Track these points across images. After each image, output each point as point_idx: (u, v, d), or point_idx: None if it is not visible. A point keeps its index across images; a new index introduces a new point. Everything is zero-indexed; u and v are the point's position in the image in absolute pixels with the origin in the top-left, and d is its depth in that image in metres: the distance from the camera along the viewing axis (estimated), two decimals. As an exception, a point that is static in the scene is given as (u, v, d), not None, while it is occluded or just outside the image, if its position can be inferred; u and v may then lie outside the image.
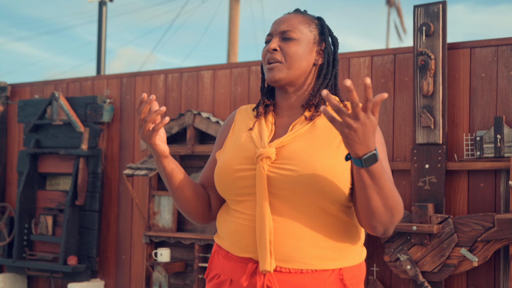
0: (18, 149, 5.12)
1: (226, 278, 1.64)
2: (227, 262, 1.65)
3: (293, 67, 1.69)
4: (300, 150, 1.59)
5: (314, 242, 1.58)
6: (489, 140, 3.21)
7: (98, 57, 9.12)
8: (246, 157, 1.64)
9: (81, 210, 4.58)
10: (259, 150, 1.61)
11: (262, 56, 1.74)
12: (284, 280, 1.57)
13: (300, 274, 1.57)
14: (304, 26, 1.72)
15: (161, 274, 4.11)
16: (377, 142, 1.65)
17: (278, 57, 1.68)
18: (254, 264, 1.59)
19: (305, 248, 1.57)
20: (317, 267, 1.57)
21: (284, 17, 1.74)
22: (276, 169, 1.59)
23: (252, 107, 1.82)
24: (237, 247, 1.63)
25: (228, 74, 4.16)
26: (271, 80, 1.69)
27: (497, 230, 3.07)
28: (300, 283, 1.57)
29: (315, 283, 1.57)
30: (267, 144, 1.63)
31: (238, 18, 12.93)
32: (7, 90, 5.14)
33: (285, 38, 1.69)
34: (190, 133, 4.07)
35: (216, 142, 1.83)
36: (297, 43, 1.69)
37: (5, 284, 4.80)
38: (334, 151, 1.60)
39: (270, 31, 1.74)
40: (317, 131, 1.64)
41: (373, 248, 3.51)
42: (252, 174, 1.61)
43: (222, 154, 1.72)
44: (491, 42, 3.28)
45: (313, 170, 1.55)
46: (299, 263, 1.57)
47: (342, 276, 1.60)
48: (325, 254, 1.58)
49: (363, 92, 1.37)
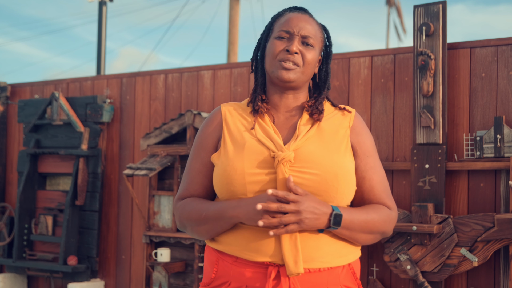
0: (18, 149, 5.12)
1: (240, 284, 1.61)
2: (237, 268, 1.62)
3: (306, 73, 1.71)
4: (316, 153, 1.62)
5: (329, 240, 1.63)
6: (489, 140, 3.21)
7: (98, 57, 9.13)
8: (259, 161, 1.61)
9: (81, 210, 4.58)
10: (280, 154, 1.60)
11: (274, 51, 1.69)
12: (305, 280, 1.59)
13: (318, 272, 1.60)
14: (319, 34, 1.74)
15: (161, 274, 4.11)
16: (366, 137, 1.74)
17: (298, 61, 1.68)
18: (275, 268, 1.58)
19: (323, 247, 1.61)
20: (332, 264, 1.62)
21: (302, 17, 1.72)
22: (297, 172, 1.60)
23: (237, 104, 1.78)
24: (252, 252, 1.60)
25: (228, 74, 4.16)
26: (286, 79, 1.68)
27: (497, 230, 3.07)
28: (319, 282, 1.60)
29: (332, 279, 1.62)
30: (283, 147, 1.62)
31: (238, 18, 12.94)
32: (7, 90, 5.14)
33: (306, 43, 1.70)
34: (190, 133, 4.07)
35: (202, 144, 1.74)
36: (314, 51, 1.72)
37: (5, 284, 4.80)
38: (344, 154, 1.66)
39: (287, 28, 1.70)
40: (325, 135, 1.67)
41: (373, 248, 3.51)
42: (269, 178, 1.60)
43: (225, 157, 1.66)
44: (491, 42, 3.28)
45: (334, 173, 1.60)
46: (318, 262, 1.60)
47: (353, 270, 1.68)
48: (338, 250, 1.64)
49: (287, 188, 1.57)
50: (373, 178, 1.70)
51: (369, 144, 1.73)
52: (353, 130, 1.71)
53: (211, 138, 1.73)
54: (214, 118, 1.75)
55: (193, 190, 1.74)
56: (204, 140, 1.74)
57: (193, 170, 1.74)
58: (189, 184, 1.75)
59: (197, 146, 1.75)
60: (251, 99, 1.74)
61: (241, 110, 1.75)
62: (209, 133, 1.74)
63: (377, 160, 1.73)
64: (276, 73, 1.68)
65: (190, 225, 1.70)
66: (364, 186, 1.69)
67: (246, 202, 1.58)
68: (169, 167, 4.23)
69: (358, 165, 1.69)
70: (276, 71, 1.68)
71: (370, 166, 1.70)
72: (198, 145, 1.75)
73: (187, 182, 1.75)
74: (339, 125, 1.70)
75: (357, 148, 1.70)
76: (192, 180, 1.74)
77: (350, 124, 1.71)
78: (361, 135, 1.72)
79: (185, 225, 1.72)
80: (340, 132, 1.69)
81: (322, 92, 1.76)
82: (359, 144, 1.70)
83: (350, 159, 1.67)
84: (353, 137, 1.70)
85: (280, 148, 1.62)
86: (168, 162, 4.12)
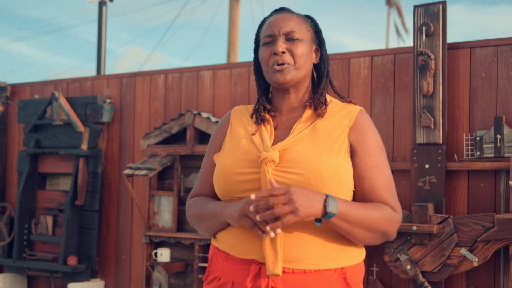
0: (18, 149, 5.12)
1: (228, 280, 1.64)
2: (228, 264, 1.65)
3: (301, 68, 1.70)
4: (304, 153, 1.60)
5: (317, 242, 1.59)
6: (489, 140, 3.21)
7: (98, 57, 9.12)
8: (248, 160, 1.63)
9: (81, 210, 4.58)
10: (263, 154, 1.60)
11: (264, 58, 1.71)
12: (288, 280, 1.57)
13: (303, 274, 1.58)
14: (303, 25, 1.73)
15: (161, 274, 4.11)
16: (368, 136, 1.69)
17: (288, 59, 1.68)
18: (257, 265, 1.59)
19: (309, 249, 1.58)
20: (320, 266, 1.58)
21: (281, 17, 1.73)
22: (281, 172, 1.59)
23: (247, 107, 1.81)
24: (239, 249, 1.63)
25: (228, 74, 4.16)
26: (283, 81, 1.68)
27: (497, 230, 3.07)
28: (304, 283, 1.58)
29: (318, 282, 1.58)
30: (270, 147, 1.63)
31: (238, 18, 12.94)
32: (7, 90, 5.14)
33: (290, 39, 1.69)
34: (190, 133, 4.07)
35: (211, 145, 1.81)
36: (302, 43, 1.70)
37: (5, 284, 4.80)
38: (336, 154, 1.62)
39: (269, 32, 1.71)
40: (318, 134, 1.65)
41: (373, 248, 3.51)
42: (256, 177, 1.61)
43: (221, 157, 1.71)
44: (491, 42, 3.28)
45: (319, 173, 1.57)
46: (303, 263, 1.58)
47: (345, 275, 1.62)
48: (328, 253, 1.60)
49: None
50: (374, 178, 1.64)
51: (372, 143, 1.68)
52: (353, 129, 1.67)
53: (218, 139, 1.79)
54: (223, 121, 1.81)
55: (201, 189, 1.81)
56: (213, 141, 1.81)
57: (203, 170, 1.81)
58: (199, 183, 1.82)
59: (208, 147, 1.83)
60: (254, 110, 1.77)
61: (249, 115, 1.78)
62: (217, 135, 1.80)
63: (381, 160, 1.67)
64: (273, 78, 1.69)
65: (195, 223, 1.77)
66: (364, 185, 1.64)
67: (233, 203, 1.62)
68: (169, 167, 4.23)
69: (357, 165, 1.65)
70: (273, 77, 1.69)
71: (371, 166, 1.65)
72: (208, 146, 1.82)
73: (198, 181, 1.82)
74: (337, 124, 1.67)
75: (357, 148, 1.66)
76: (201, 179, 1.81)
77: (350, 123, 1.68)
78: (362, 134, 1.67)
79: (193, 222, 1.80)
80: (337, 131, 1.65)
81: (321, 82, 1.75)
82: (359, 143, 1.66)
83: (344, 159, 1.62)
84: (353, 136, 1.67)
85: (266, 148, 1.62)
86: (168, 162, 4.12)
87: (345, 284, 1.61)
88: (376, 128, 1.74)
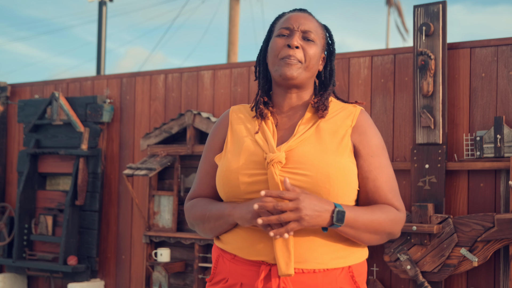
0: (18, 149, 5.12)
1: (236, 282, 1.63)
2: (235, 266, 1.64)
3: (309, 69, 1.70)
4: (310, 154, 1.60)
5: (325, 242, 1.60)
6: (489, 140, 3.21)
7: (98, 57, 9.13)
8: (253, 162, 1.62)
9: (81, 210, 4.58)
10: (270, 155, 1.59)
11: (276, 49, 1.69)
12: (298, 280, 1.58)
13: (312, 273, 1.59)
14: (320, 31, 1.74)
15: (161, 274, 4.11)
16: (370, 137, 1.70)
17: (299, 56, 1.67)
18: (267, 266, 1.59)
19: (317, 248, 1.59)
20: (329, 266, 1.59)
21: (302, 15, 1.73)
22: (289, 173, 1.59)
23: (245, 107, 1.80)
24: (247, 251, 1.62)
25: (228, 74, 4.16)
26: (288, 76, 1.67)
27: (497, 230, 3.07)
28: (313, 283, 1.58)
29: (327, 281, 1.59)
30: (275, 148, 1.62)
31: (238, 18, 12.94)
32: (7, 90, 5.14)
33: (306, 38, 1.69)
34: (190, 133, 4.07)
35: (209, 146, 1.79)
36: (316, 46, 1.70)
37: (5, 284, 4.80)
38: (342, 155, 1.63)
39: (287, 25, 1.70)
40: (323, 134, 1.65)
41: (373, 248, 3.51)
42: (262, 179, 1.60)
43: (224, 158, 1.69)
44: (491, 42, 3.28)
45: (327, 175, 1.57)
46: (312, 263, 1.58)
47: (353, 273, 1.64)
48: (335, 252, 1.61)
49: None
50: (378, 178, 1.65)
51: (374, 143, 1.68)
52: (355, 129, 1.67)
53: (218, 140, 1.77)
54: (222, 121, 1.79)
55: (201, 191, 1.79)
56: (211, 141, 1.79)
57: (202, 171, 1.79)
58: (198, 184, 1.79)
59: (206, 147, 1.80)
60: (253, 104, 1.75)
61: (248, 113, 1.77)
62: (216, 135, 1.78)
63: (384, 160, 1.68)
64: (279, 71, 1.67)
65: (197, 224, 1.75)
66: (368, 186, 1.65)
67: (243, 204, 1.61)
68: (169, 167, 4.23)
69: (361, 166, 1.65)
70: (279, 69, 1.67)
71: (374, 166, 1.65)
72: (206, 147, 1.80)
73: (196, 183, 1.80)
74: (340, 125, 1.67)
75: (360, 148, 1.66)
76: (200, 181, 1.79)
77: (352, 124, 1.67)
78: (364, 135, 1.67)
79: (193, 224, 1.78)
80: (340, 132, 1.65)
81: (327, 89, 1.76)
82: (362, 143, 1.66)
83: (349, 160, 1.63)
84: (355, 137, 1.66)
85: (272, 150, 1.61)
86: (168, 162, 4.12)
87: (352, 283, 1.63)
88: (377, 128, 1.74)
